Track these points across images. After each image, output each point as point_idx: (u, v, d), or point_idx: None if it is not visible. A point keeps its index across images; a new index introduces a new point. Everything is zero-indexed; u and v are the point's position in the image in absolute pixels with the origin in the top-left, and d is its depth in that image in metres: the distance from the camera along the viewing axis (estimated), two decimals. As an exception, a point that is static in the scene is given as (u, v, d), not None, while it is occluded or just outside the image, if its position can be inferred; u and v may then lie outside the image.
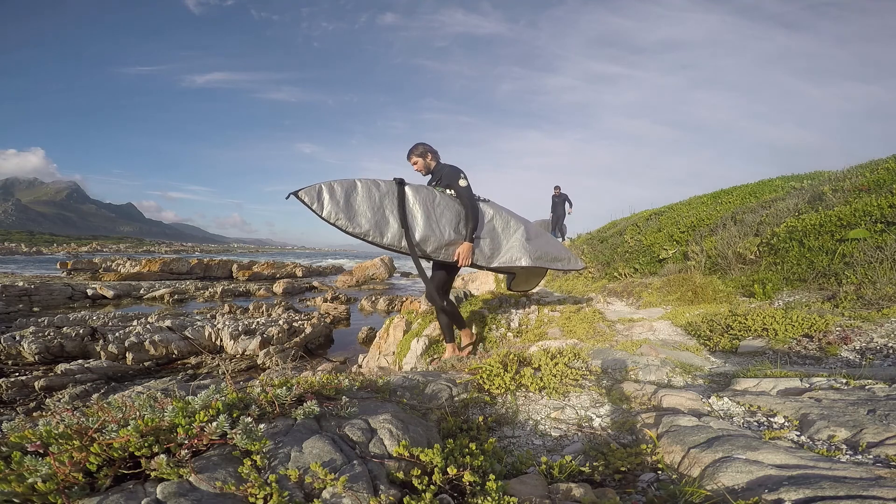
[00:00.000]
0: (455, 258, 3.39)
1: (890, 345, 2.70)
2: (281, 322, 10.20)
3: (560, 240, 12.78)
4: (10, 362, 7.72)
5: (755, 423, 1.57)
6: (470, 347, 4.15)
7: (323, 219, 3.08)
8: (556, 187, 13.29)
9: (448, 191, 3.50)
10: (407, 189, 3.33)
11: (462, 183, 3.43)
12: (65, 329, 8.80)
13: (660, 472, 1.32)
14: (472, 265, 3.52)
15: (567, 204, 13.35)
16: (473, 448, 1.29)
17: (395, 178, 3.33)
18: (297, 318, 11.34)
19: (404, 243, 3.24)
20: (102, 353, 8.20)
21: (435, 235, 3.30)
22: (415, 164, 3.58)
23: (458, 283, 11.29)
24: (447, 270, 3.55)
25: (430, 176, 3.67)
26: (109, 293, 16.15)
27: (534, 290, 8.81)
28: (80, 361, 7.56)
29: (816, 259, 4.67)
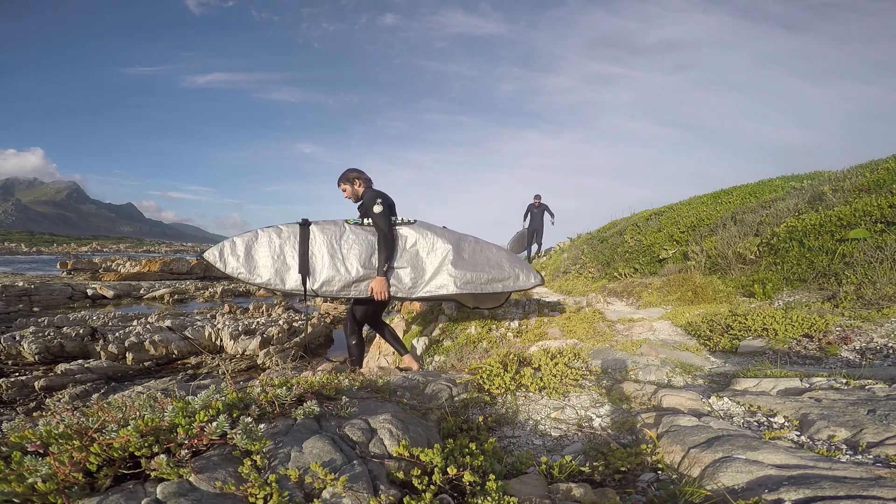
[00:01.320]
0: (369, 293, 3.19)
1: (890, 345, 2.70)
2: (281, 322, 10.20)
3: (535, 255, 12.13)
4: (10, 362, 7.72)
5: (755, 423, 1.57)
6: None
7: (228, 275, 3.14)
8: (537, 197, 11.62)
9: (366, 220, 3.31)
10: (313, 229, 3.22)
11: (376, 209, 3.21)
12: (65, 329, 8.80)
13: (660, 472, 1.32)
14: (393, 298, 3.32)
15: (548, 215, 11.73)
16: (473, 448, 1.29)
17: (301, 220, 3.23)
18: (297, 318, 11.34)
19: (310, 286, 3.15)
20: (102, 353, 8.20)
21: (340, 275, 3.15)
22: (344, 190, 3.43)
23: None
24: (370, 302, 3.34)
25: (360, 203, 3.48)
26: (109, 293, 16.15)
27: (533, 291, 8.82)
28: (80, 361, 7.56)
29: (816, 259, 4.67)
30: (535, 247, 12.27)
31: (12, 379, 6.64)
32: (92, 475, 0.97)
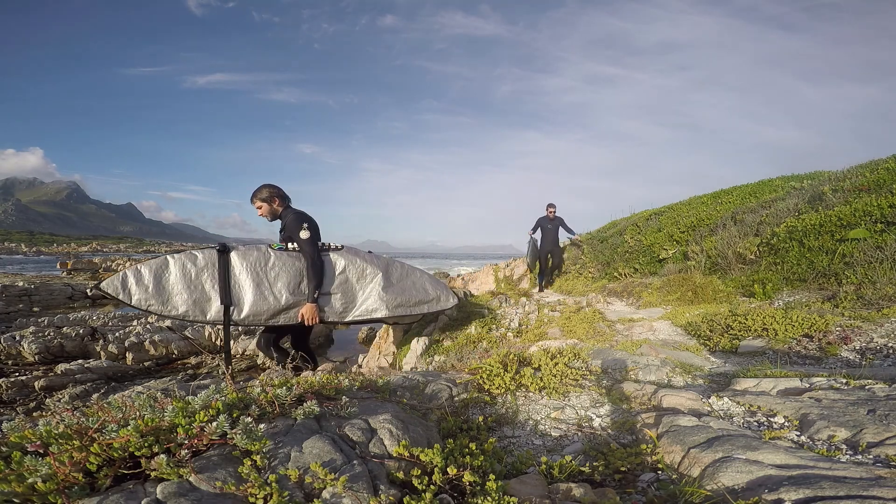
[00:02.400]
0: (299, 319, 3.13)
1: (890, 345, 2.70)
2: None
3: (546, 284, 8.95)
4: (10, 362, 7.72)
5: (755, 423, 1.57)
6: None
7: (134, 307, 2.86)
8: (551, 208, 8.53)
9: (290, 244, 3.17)
10: (233, 256, 3.02)
11: (303, 235, 3.05)
12: (65, 329, 8.80)
13: (660, 472, 1.32)
14: (323, 322, 3.28)
15: (564, 230, 8.75)
16: (473, 448, 1.29)
17: (218, 245, 3.03)
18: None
19: (235, 317, 3.01)
20: (102, 353, 8.20)
21: (268, 303, 3.03)
22: (259, 208, 3.19)
23: (457, 283, 11.27)
24: (299, 328, 3.28)
25: (279, 222, 3.31)
26: (109, 293, 16.14)
27: (533, 291, 8.82)
28: (80, 361, 7.55)
29: (816, 259, 4.67)
30: (545, 274, 8.99)
31: (12, 379, 6.64)
32: (92, 475, 0.97)
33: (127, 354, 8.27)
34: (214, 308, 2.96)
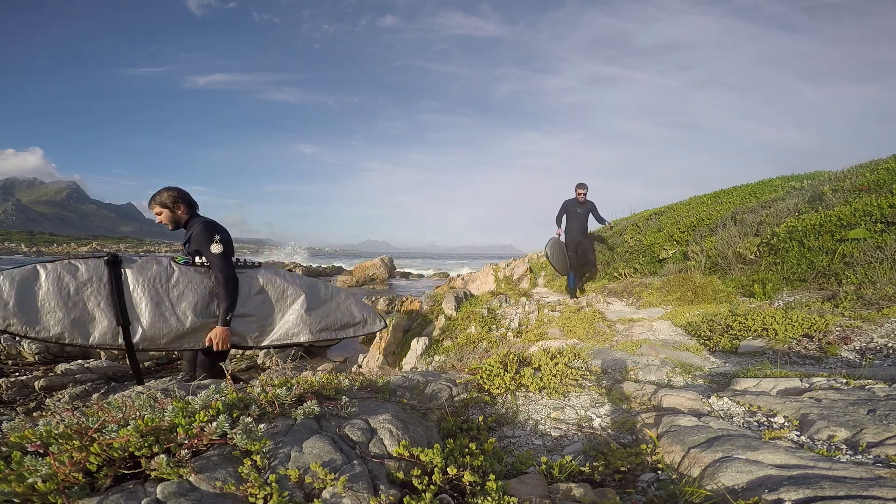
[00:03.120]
0: (207, 344, 2.73)
1: (890, 345, 2.70)
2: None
3: (580, 286, 7.59)
4: (10, 362, 7.72)
5: (755, 423, 1.57)
6: None
7: None
8: (581, 189, 6.93)
9: (198, 259, 2.77)
10: (127, 270, 2.60)
11: (215, 249, 2.68)
12: (65, 329, 8.81)
13: (660, 472, 1.32)
14: (236, 347, 2.92)
15: (595, 216, 7.16)
16: (473, 448, 1.29)
17: (106, 256, 2.58)
18: (297, 318, 11.33)
19: (122, 341, 2.57)
20: (102, 353, 8.21)
21: (169, 326, 2.62)
22: (158, 214, 2.82)
23: (457, 283, 11.27)
24: (207, 353, 2.85)
25: (184, 231, 2.93)
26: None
27: (534, 291, 8.81)
28: (80, 361, 7.56)
29: (816, 259, 4.67)
30: (576, 270, 7.36)
31: (12, 379, 6.64)
32: (92, 475, 0.97)
33: (127, 354, 8.28)
34: (100, 330, 2.52)
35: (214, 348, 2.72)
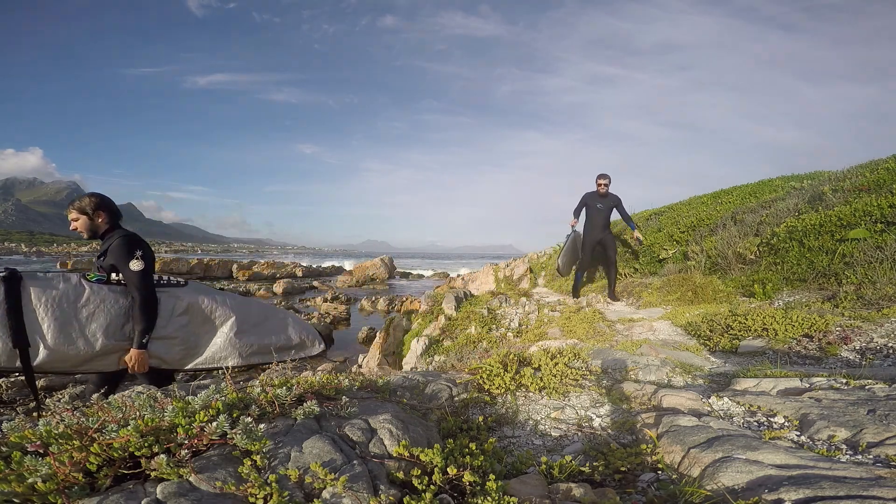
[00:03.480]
0: (122, 367, 2.54)
1: (890, 345, 2.70)
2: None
3: (614, 279, 6.51)
4: (10, 362, 7.71)
5: (755, 423, 1.57)
6: None
7: None
8: (602, 180, 6.16)
9: (114, 275, 2.54)
10: (28, 285, 2.38)
11: (134, 266, 2.47)
12: (65, 329, 8.81)
13: (660, 472, 1.32)
14: (154, 371, 2.70)
15: (620, 213, 6.31)
16: (473, 448, 1.29)
17: (4, 272, 2.32)
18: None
19: (19, 363, 2.34)
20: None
21: (76, 348, 2.41)
22: (74, 220, 2.60)
23: (457, 283, 11.27)
24: (121, 375, 2.66)
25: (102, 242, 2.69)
26: (109, 293, 16.14)
27: (534, 291, 8.81)
28: (80, 361, 7.55)
29: (816, 259, 4.67)
30: (581, 273, 6.74)
31: (12, 379, 6.64)
32: (92, 475, 0.97)
33: (127, 354, 8.28)
34: None
35: (129, 371, 2.53)
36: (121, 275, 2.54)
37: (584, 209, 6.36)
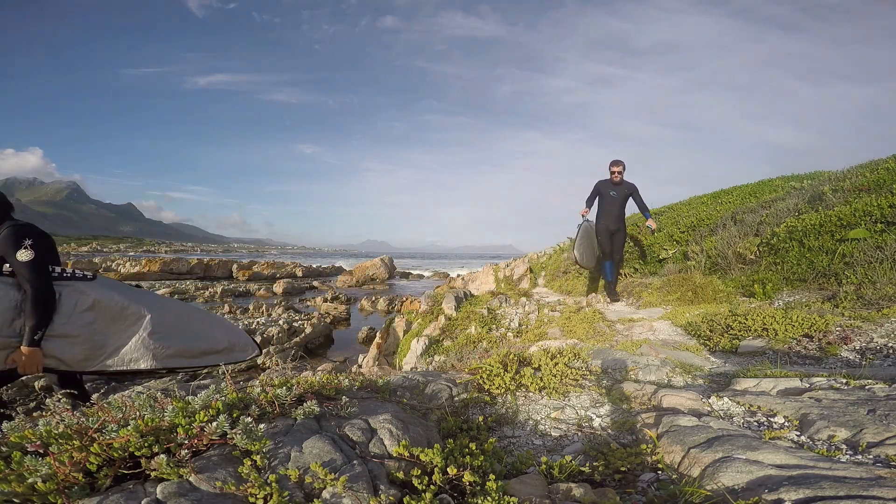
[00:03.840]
0: (10, 365, 2.35)
1: (890, 345, 2.70)
2: (281, 322, 10.20)
3: (615, 280, 6.29)
4: (10, 362, 7.71)
5: (755, 423, 1.57)
6: None
7: None
8: (616, 166, 5.79)
9: (6, 266, 2.42)
10: None
11: (22, 256, 2.31)
12: (65, 329, 8.79)
13: (660, 472, 1.32)
14: (51, 371, 2.52)
15: (636, 202, 5.94)
16: (473, 448, 1.29)
17: None
18: (297, 318, 11.34)
19: None
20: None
21: None
22: None
23: (457, 283, 11.26)
24: (11, 376, 2.51)
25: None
26: (109, 293, 16.13)
27: (534, 291, 8.81)
28: (80, 361, 7.54)
29: (816, 259, 4.67)
30: (609, 267, 6.12)
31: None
32: (92, 475, 0.97)
33: (127, 354, 8.27)
34: None
35: (20, 371, 2.34)
36: (12, 267, 2.38)
37: (597, 198, 5.97)
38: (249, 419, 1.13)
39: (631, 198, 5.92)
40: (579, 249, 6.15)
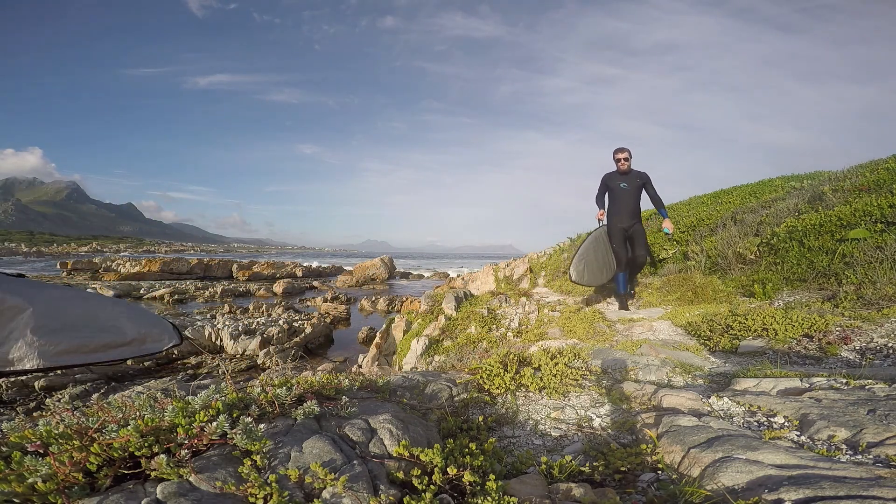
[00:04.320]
0: None
1: (890, 345, 2.70)
2: (281, 322, 10.20)
3: (633, 290, 5.72)
4: (10, 362, 7.73)
5: (755, 423, 1.57)
6: None
7: None
8: (621, 153, 5.06)
9: None
10: None
11: None
12: (65, 329, 8.82)
13: (660, 472, 1.32)
14: None
15: (649, 194, 5.23)
16: (473, 448, 1.28)
17: None
18: (297, 318, 11.34)
19: None
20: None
21: None
22: None
23: (457, 283, 11.27)
24: None
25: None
26: (109, 293, 16.16)
27: (534, 291, 8.80)
28: (79, 361, 7.56)
29: (816, 259, 4.67)
30: (624, 266, 5.25)
31: (12, 379, 6.63)
32: (92, 475, 0.97)
33: (127, 354, 8.29)
34: None
35: None
36: None
37: (606, 193, 5.18)
38: (249, 419, 1.13)
39: (643, 189, 5.15)
40: (581, 263, 5.11)
